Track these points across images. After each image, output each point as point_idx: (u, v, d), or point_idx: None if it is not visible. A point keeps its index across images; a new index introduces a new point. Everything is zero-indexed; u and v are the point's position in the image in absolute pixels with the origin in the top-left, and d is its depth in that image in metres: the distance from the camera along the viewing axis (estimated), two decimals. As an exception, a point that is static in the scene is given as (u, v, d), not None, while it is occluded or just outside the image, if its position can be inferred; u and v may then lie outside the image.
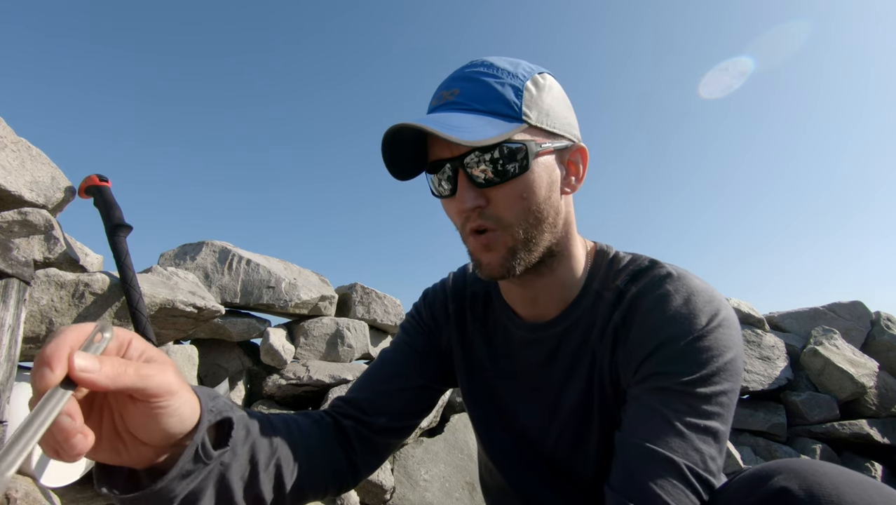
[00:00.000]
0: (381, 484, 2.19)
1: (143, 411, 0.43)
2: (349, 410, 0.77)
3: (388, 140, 0.63)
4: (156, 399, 0.42)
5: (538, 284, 0.72)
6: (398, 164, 0.66)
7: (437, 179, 0.67)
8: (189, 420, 0.46)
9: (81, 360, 0.37)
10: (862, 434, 3.20)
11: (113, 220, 1.75)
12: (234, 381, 2.44)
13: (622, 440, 0.61)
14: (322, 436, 0.71)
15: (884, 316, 4.03)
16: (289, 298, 2.55)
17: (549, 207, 0.66)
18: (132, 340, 0.44)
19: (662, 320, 0.64)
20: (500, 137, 0.58)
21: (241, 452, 0.54)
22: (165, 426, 0.44)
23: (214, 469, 0.51)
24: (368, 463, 0.76)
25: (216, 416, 0.51)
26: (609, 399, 0.70)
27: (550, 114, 0.65)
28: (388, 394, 0.79)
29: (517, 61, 0.66)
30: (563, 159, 0.68)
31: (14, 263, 1.34)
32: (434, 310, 0.88)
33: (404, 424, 0.80)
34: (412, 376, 0.82)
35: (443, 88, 0.66)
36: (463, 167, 0.63)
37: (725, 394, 0.60)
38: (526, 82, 0.63)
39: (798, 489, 0.50)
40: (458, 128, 0.57)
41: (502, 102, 0.62)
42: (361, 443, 0.75)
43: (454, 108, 0.63)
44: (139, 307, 1.62)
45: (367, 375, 0.83)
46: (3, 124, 1.54)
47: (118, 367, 0.39)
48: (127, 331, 0.45)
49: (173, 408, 0.44)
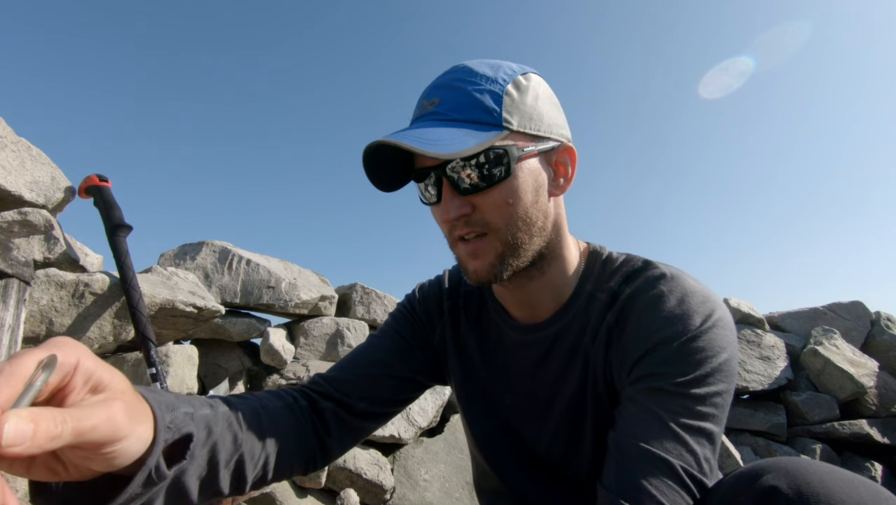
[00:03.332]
0: (381, 484, 2.20)
1: (83, 455, 0.39)
2: (329, 390, 0.76)
3: (370, 156, 0.64)
4: (99, 448, 0.39)
5: (529, 286, 0.73)
6: (385, 176, 0.67)
7: (423, 187, 0.68)
8: (140, 451, 0.43)
9: (12, 430, 0.32)
10: (862, 434, 3.19)
11: (113, 220, 1.76)
12: (234, 381, 2.45)
13: (616, 440, 0.61)
14: (293, 421, 0.69)
15: (884, 316, 4.03)
16: (289, 298, 2.56)
17: (537, 211, 0.66)
18: (78, 364, 0.39)
19: (657, 321, 0.64)
20: (479, 147, 0.59)
21: (199, 454, 0.52)
22: (111, 466, 0.41)
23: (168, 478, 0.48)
24: (342, 444, 0.76)
25: (174, 434, 0.48)
26: (603, 399, 0.70)
27: (534, 116, 0.65)
28: (371, 378, 0.79)
29: (498, 64, 0.66)
30: (550, 161, 0.68)
31: (14, 263, 1.35)
32: (428, 305, 0.88)
33: (384, 410, 0.80)
34: (398, 366, 0.81)
35: (424, 98, 0.66)
36: (446, 175, 0.63)
37: (720, 395, 0.61)
38: (506, 86, 0.63)
39: (787, 488, 0.50)
40: (434, 141, 0.58)
41: (481, 110, 0.62)
42: (338, 425, 0.74)
43: (434, 119, 0.63)
44: (139, 307, 1.62)
45: (352, 356, 0.82)
46: (3, 124, 1.54)
47: (52, 428, 0.34)
48: (74, 349, 0.39)
49: (119, 450, 0.40)
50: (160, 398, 0.48)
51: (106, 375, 0.41)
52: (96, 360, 0.41)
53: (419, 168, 0.67)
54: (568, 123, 0.72)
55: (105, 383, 0.41)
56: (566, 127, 0.70)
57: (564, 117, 0.71)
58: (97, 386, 0.40)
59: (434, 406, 2.63)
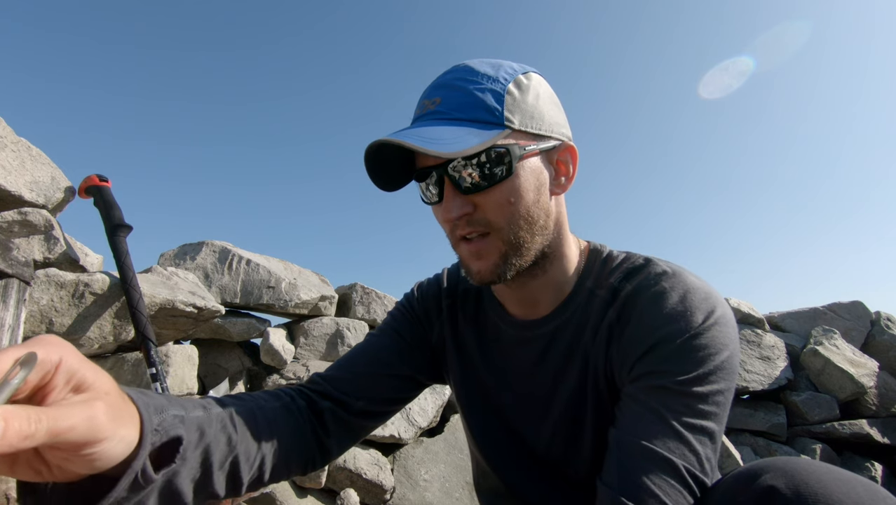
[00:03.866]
0: (381, 484, 2.19)
1: (62, 456, 0.38)
2: (328, 390, 0.76)
3: (372, 155, 0.64)
4: (78, 449, 0.37)
5: (531, 284, 0.73)
6: (387, 176, 0.67)
7: (424, 187, 0.68)
8: (124, 453, 0.41)
9: None
10: (862, 434, 3.19)
11: (113, 220, 1.75)
12: (234, 381, 2.45)
13: (617, 437, 0.61)
14: (292, 422, 0.68)
15: (884, 316, 4.03)
16: (289, 297, 2.56)
17: (539, 210, 0.66)
18: (61, 362, 0.38)
19: (658, 318, 0.63)
20: (481, 146, 0.58)
21: (192, 456, 0.51)
22: (93, 468, 0.40)
23: (158, 481, 0.47)
24: (341, 444, 0.76)
25: (162, 437, 0.46)
26: (603, 397, 0.70)
27: (535, 115, 0.64)
28: (370, 378, 0.79)
29: (499, 63, 0.66)
30: (552, 160, 0.68)
31: (14, 263, 1.35)
32: (427, 303, 0.87)
33: (383, 409, 0.80)
34: (397, 364, 0.81)
35: (425, 97, 0.66)
36: (447, 174, 0.63)
37: (721, 393, 0.60)
38: (508, 85, 0.63)
39: (785, 488, 0.50)
40: (436, 140, 0.58)
41: (483, 109, 0.61)
42: (337, 425, 0.74)
43: (436, 118, 0.63)
44: (139, 307, 1.62)
45: (351, 355, 0.82)
46: (3, 124, 1.54)
47: (25, 427, 0.32)
48: (58, 347, 0.38)
49: (100, 452, 0.39)
50: (149, 400, 0.47)
51: (90, 374, 0.40)
52: (81, 358, 0.40)
53: (421, 167, 0.67)
54: (568, 122, 0.72)
55: (88, 383, 0.40)
56: (567, 126, 0.70)
57: (565, 116, 0.71)
58: (80, 385, 0.39)
59: (434, 406, 2.62)
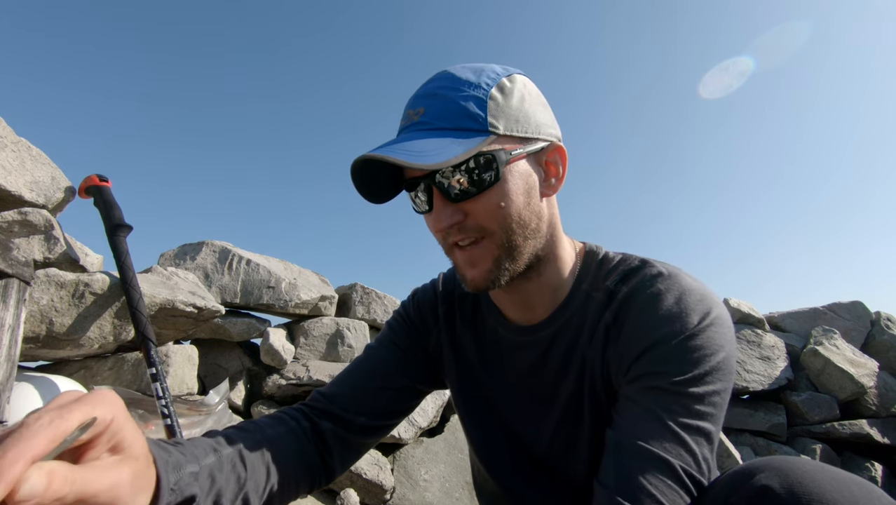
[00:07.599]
0: (381, 484, 2.20)
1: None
2: (329, 408, 0.77)
3: (358, 170, 0.64)
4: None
5: (526, 288, 0.72)
6: (377, 188, 0.68)
7: (414, 196, 0.68)
8: None
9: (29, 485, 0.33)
10: (862, 434, 3.19)
11: (113, 220, 1.76)
12: (234, 381, 2.45)
13: (614, 438, 0.61)
14: (297, 447, 0.71)
15: (884, 316, 4.03)
16: (289, 298, 2.56)
17: (530, 213, 0.66)
18: (111, 424, 0.40)
19: (654, 319, 0.63)
20: (465, 155, 0.58)
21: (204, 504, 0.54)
22: None
23: None
24: (344, 463, 0.77)
25: (177, 496, 0.49)
26: (600, 398, 0.70)
27: (520, 119, 0.64)
28: (369, 392, 0.79)
29: (481, 68, 0.65)
30: (540, 161, 0.68)
31: (14, 263, 1.35)
32: (423, 310, 0.87)
33: (384, 423, 0.80)
34: (395, 376, 0.82)
35: (409, 107, 0.66)
36: (435, 184, 0.63)
37: (718, 394, 0.60)
38: (490, 91, 0.63)
39: (779, 487, 0.50)
40: (420, 153, 0.58)
41: (467, 117, 0.61)
42: (339, 445, 0.75)
43: (420, 129, 0.63)
44: (139, 307, 1.63)
45: (350, 370, 0.83)
46: (3, 124, 1.55)
47: (61, 488, 0.35)
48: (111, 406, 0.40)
49: None
50: (169, 458, 0.50)
51: (129, 435, 0.42)
52: (127, 417, 0.42)
53: (409, 178, 0.67)
54: (558, 122, 0.71)
55: (125, 445, 0.41)
56: (555, 126, 0.70)
57: (553, 116, 0.70)
58: (117, 446, 0.41)
59: (434, 406, 2.63)
